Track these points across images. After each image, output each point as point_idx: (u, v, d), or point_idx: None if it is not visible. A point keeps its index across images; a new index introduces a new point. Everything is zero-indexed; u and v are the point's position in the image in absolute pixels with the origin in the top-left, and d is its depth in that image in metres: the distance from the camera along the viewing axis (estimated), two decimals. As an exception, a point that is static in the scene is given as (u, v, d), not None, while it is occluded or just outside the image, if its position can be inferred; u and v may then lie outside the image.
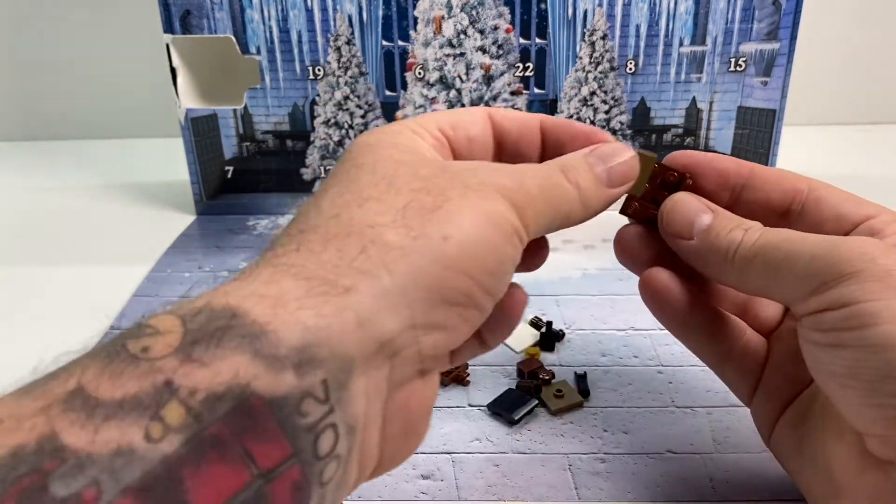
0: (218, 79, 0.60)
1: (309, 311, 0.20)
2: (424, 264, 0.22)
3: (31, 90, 0.82)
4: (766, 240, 0.28)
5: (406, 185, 0.24)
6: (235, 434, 0.18)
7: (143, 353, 0.18)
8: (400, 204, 0.23)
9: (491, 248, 0.24)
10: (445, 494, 0.33)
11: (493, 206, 0.24)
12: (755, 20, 0.55)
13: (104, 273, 0.53)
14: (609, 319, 0.45)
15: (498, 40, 0.56)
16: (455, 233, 0.23)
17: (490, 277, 0.24)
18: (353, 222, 0.22)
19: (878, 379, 0.25)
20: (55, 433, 0.17)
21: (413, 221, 0.22)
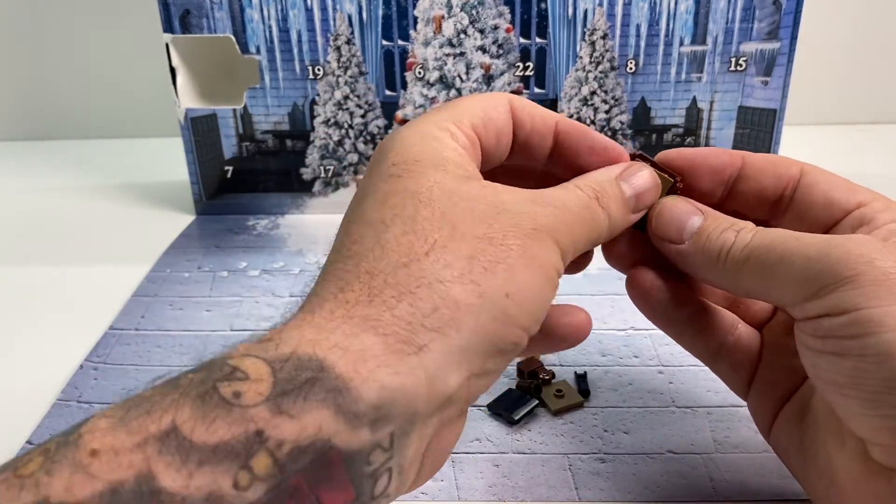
0: (217, 78, 0.60)
1: (386, 370, 0.21)
2: (487, 321, 0.23)
3: (31, 90, 0.82)
4: (759, 241, 0.27)
5: (469, 230, 0.24)
6: (312, 484, 0.19)
7: (234, 398, 0.19)
8: (465, 255, 0.24)
9: (541, 297, 0.25)
10: (445, 494, 0.33)
11: (545, 255, 0.25)
12: (756, 20, 0.55)
13: (104, 273, 0.53)
14: (609, 319, 0.45)
15: (498, 40, 0.56)
16: (515, 290, 0.24)
17: (534, 323, 0.25)
18: (424, 275, 0.23)
19: (883, 390, 0.24)
20: (152, 474, 0.18)
21: (479, 277, 0.23)
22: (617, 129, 0.58)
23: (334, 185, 0.61)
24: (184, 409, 0.19)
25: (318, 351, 0.21)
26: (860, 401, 0.25)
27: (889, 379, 0.24)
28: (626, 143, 0.59)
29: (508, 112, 0.29)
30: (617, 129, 0.58)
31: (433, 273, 0.23)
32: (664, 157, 0.31)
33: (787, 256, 0.26)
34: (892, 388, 0.24)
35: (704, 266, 0.29)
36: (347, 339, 0.21)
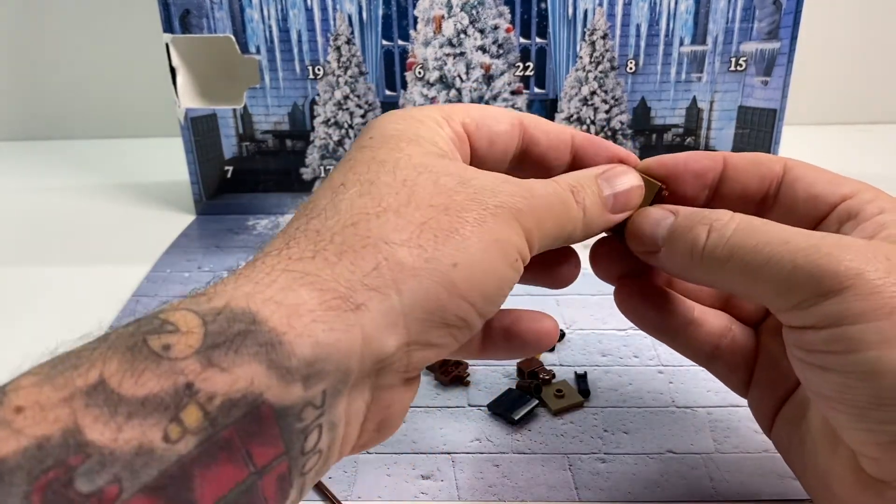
0: (217, 78, 0.60)
1: (321, 325, 0.21)
2: (431, 287, 0.23)
3: (31, 90, 0.82)
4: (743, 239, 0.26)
5: (426, 198, 0.24)
6: (243, 438, 0.19)
7: (164, 351, 0.19)
8: (417, 220, 0.23)
9: (494, 275, 0.24)
10: (445, 494, 0.33)
11: (505, 233, 0.24)
12: (756, 20, 0.55)
13: (104, 273, 0.53)
14: (609, 319, 0.45)
15: (498, 40, 0.56)
16: (464, 260, 0.23)
17: (486, 301, 0.25)
18: (370, 234, 0.23)
19: (868, 406, 0.23)
20: (79, 427, 0.17)
21: (427, 243, 0.23)
22: (617, 129, 0.58)
23: (334, 185, 0.61)
24: (111, 362, 0.19)
25: (251, 304, 0.20)
26: (847, 415, 0.24)
27: (875, 396, 0.23)
28: (627, 143, 0.59)
29: (513, 126, 0.29)
30: (617, 129, 0.58)
31: (380, 233, 0.23)
32: (643, 165, 0.30)
33: (774, 261, 0.25)
34: (879, 404, 0.23)
35: (682, 266, 0.28)
36: (282, 293, 0.21)
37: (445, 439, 0.36)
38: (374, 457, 0.35)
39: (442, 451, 0.35)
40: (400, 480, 0.34)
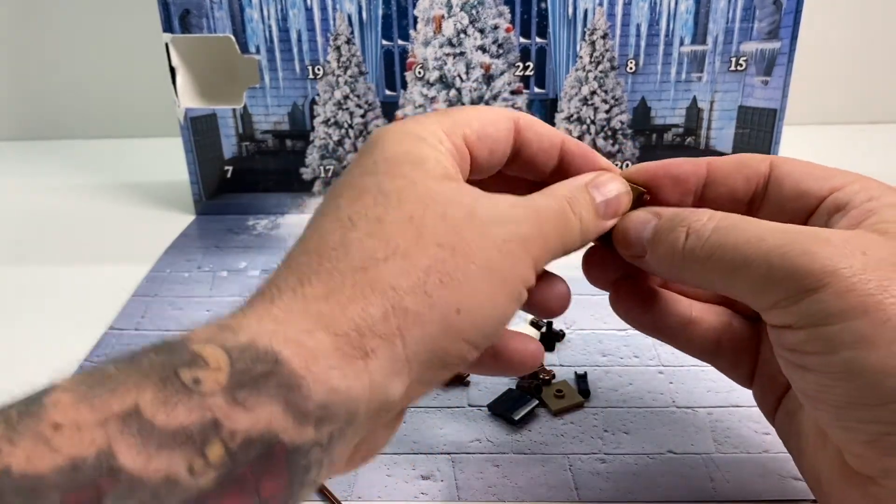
0: (217, 78, 0.60)
1: (336, 371, 0.22)
2: (434, 333, 0.24)
3: (31, 90, 0.82)
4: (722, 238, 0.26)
5: (433, 237, 0.24)
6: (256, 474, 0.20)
7: (194, 385, 0.20)
8: (424, 265, 0.24)
9: (497, 315, 0.25)
10: (445, 494, 0.33)
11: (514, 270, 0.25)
12: (756, 19, 0.55)
13: (104, 273, 0.53)
14: (609, 319, 0.45)
15: (498, 39, 0.56)
16: (468, 305, 0.24)
17: (486, 339, 0.25)
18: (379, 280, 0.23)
19: (846, 405, 0.24)
20: (113, 452, 0.18)
21: (433, 289, 0.24)
22: (617, 129, 0.58)
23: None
24: (146, 391, 0.19)
25: (274, 344, 0.21)
26: (829, 413, 0.25)
27: (852, 396, 0.23)
28: (627, 143, 0.59)
29: (510, 129, 0.30)
30: (617, 128, 0.58)
31: (389, 280, 0.23)
32: (626, 173, 0.30)
33: (750, 260, 0.25)
34: (856, 403, 0.23)
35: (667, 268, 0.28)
36: (302, 335, 0.22)
37: (445, 439, 0.36)
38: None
39: (442, 451, 0.35)
40: (400, 480, 0.33)
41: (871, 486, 0.25)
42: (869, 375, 0.23)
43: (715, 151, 0.59)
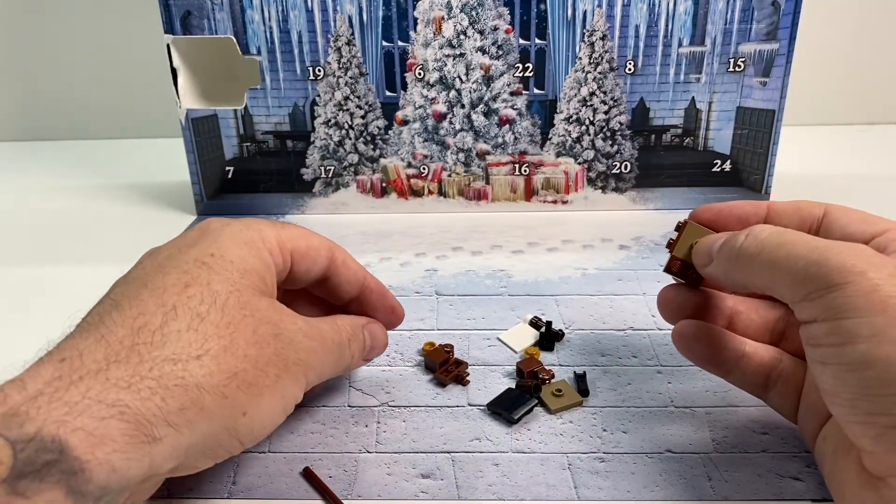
0: (218, 79, 0.60)
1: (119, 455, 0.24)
2: (217, 430, 0.27)
3: (31, 90, 0.82)
4: (773, 238, 0.29)
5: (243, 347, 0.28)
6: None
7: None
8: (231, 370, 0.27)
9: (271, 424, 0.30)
10: (445, 494, 0.33)
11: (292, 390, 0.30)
12: (754, 20, 0.55)
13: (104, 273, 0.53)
14: (608, 319, 0.45)
15: (497, 41, 0.56)
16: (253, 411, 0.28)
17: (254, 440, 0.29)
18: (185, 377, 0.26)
19: (858, 397, 0.25)
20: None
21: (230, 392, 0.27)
22: (616, 130, 0.59)
23: (335, 185, 0.61)
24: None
25: (61, 433, 0.23)
26: (843, 407, 0.26)
27: (863, 387, 0.25)
28: (625, 144, 0.59)
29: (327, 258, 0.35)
30: (616, 129, 0.59)
31: (195, 377, 0.26)
32: (696, 212, 0.35)
33: (793, 255, 0.27)
34: (867, 394, 0.25)
35: (725, 268, 0.31)
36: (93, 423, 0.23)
37: (445, 439, 0.36)
38: (374, 456, 0.35)
39: (442, 450, 0.35)
40: (400, 479, 0.34)
41: (884, 487, 0.26)
42: (880, 366, 0.24)
43: (713, 152, 0.59)
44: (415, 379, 0.40)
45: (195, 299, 0.28)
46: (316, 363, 0.31)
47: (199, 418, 0.26)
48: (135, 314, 0.27)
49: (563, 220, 0.59)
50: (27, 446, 0.22)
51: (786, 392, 0.34)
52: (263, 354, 0.29)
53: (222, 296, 0.28)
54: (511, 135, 0.59)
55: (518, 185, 0.61)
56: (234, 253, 0.30)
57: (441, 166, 0.60)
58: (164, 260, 0.30)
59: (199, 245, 0.30)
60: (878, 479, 0.26)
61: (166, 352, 0.26)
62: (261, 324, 0.29)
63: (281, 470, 0.34)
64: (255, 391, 0.28)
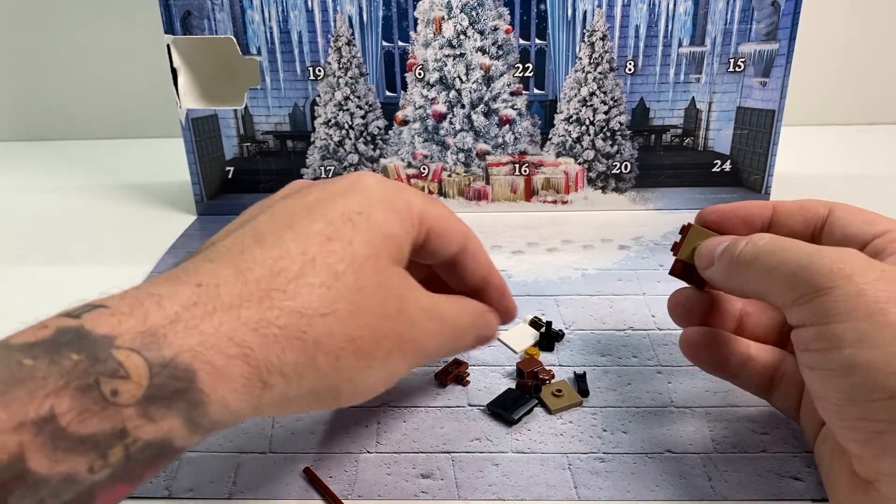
0: (219, 79, 0.60)
1: (236, 396, 0.24)
2: (321, 387, 0.27)
3: (31, 90, 0.82)
4: (769, 245, 0.29)
5: (367, 312, 0.27)
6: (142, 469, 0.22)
7: (112, 395, 0.21)
8: (351, 333, 0.27)
9: (371, 393, 0.29)
10: (445, 494, 0.33)
11: (399, 368, 0.30)
12: (754, 21, 0.55)
13: (104, 273, 0.53)
14: (608, 320, 0.45)
15: (498, 41, 0.56)
16: (359, 380, 0.28)
17: (350, 403, 0.29)
18: (309, 332, 0.26)
19: (845, 402, 0.25)
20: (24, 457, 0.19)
21: (344, 356, 0.27)
22: (616, 130, 0.59)
23: (335, 185, 0.61)
24: (63, 399, 0.20)
25: (193, 364, 0.23)
26: (831, 412, 0.26)
27: (849, 392, 0.25)
28: (625, 144, 0.59)
29: (460, 246, 0.33)
30: (616, 129, 0.59)
31: (316, 334, 0.26)
32: (702, 214, 0.36)
33: (785, 261, 0.28)
34: (852, 400, 0.25)
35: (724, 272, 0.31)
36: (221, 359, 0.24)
37: (445, 439, 0.36)
38: (374, 456, 0.35)
39: (442, 450, 0.35)
40: (400, 479, 0.34)
41: (872, 491, 0.26)
42: (864, 372, 0.24)
43: (713, 152, 0.59)
44: (415, 379, 0.40)
45: (335, 255, 0.27)
46: (431, 346, 0.31)
47: (310, 374, 0.26)
48: (275, 255, 0.26)
49: (563, 221, 0.59)
50: (162, 371, 0.22)
51: (789, 393, 0.34)
52: (384, 327, 0.28)
53: (360, 258, 0.28)
54: (511, 135, 0.59)
55: (518, 185, 0.61)
56: (380, 215, 0.29)
57: (441, 166, 0.60)
58: (312, 203, 0.29)
59: (349, 198, 0.29)
60: (867, 483, 0.26)
61: (296, 303, 0.26)
62: (389, 296, 0.28)
63: (281, 470, 0.34)
64: (366, 361, 0.28)
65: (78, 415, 0.20)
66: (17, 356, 0.21)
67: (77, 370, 0.21)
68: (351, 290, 0.27)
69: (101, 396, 0.21)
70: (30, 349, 0.21)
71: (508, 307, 0.36)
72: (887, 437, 0.25)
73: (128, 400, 0.21)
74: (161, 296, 0.24)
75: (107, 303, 0.24)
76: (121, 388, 0.21)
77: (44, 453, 0.20)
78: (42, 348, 0.21)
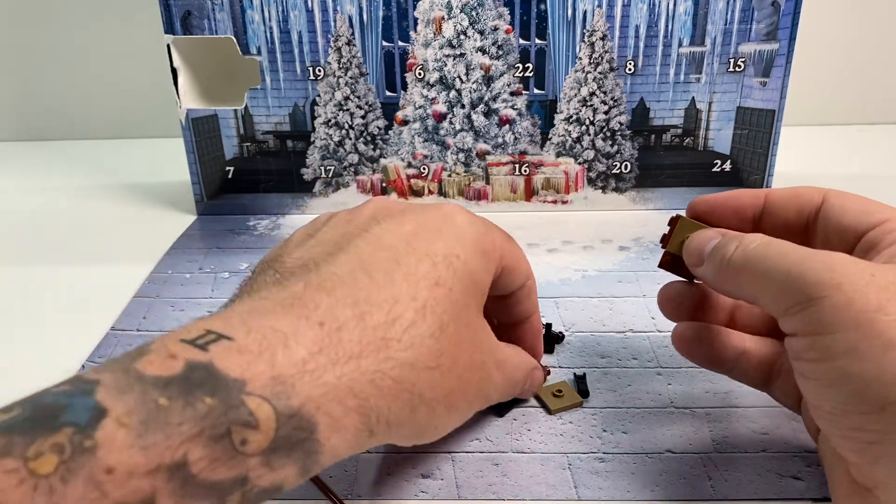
0: (219, 79, 0.60)
1: (345, 445, 0.24)
2: (410, 433, 0.27)
3: (31, 90, 0.82)
4: (759, 250, 0.28)
5: (460, 370, 0.28)
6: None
7: (241, 445, 0.21)
8: (448, 389, 0.27)
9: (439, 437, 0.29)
10: (445, 494, 0.33)
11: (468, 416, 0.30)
12: (754, 21, 0.55)
13: (105, 273, 0.53)
14: (608, 321, 0.45)
15: (498, 41, 0.56)
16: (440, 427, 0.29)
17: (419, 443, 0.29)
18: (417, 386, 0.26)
19: (839, 413, 0.25)
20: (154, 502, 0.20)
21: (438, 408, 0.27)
22: (616, 130, 0.59)
23: (335, 185, 0.61)
24: (196, 446, 0.20)
25: (316, 416, 0.23)
26: (826, 422, 0.26)
27: (842, 403, 0.25)
28: (625, 144, 0.59)
29: (521, 285, 0.34)
30: (616, 129, 0.59)
31: (422, 388, 0.26)
32: (692, 204, 0.34)
33: (773, 268, 0.27)
34: (846, 412, 0.25)
35: (714, 275, 0.31)
36: (340, 411, 0.24)
37: (445, 439, 0.36)
38: (374, 456, 0.35)
39: (442, 450, 0.35)
40: (400, 479, 0.34)
41: (870, 497, 0.26)
42: (856, 384, 0.24)
43: (713, 152, 0.59)
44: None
45: (441, 305, 0.27)
46: (494, 396, 0.32)
47: (408, 424, 0.26)
48: (389, 299, 0.26)
49: (563, 221, 0.59)
50: (288, 422, 0.22)
51: (788, 386, 0.34)
52: (471, 380, 0.29)
53: (458, 307, 0.28)
54: (511, 135, 0.59)
55: (518, 185, 0.61)
56: (474, 262, 0.29)
57: (441, 166, 0.60)
58: (410, 236, 0.29)
59: (445, 238, 0.29)
60: (866, 490, 0.26)
61: (409, 355, 0.26)
62: (476, 350, 0.29)
63: (281, 470, 0.34)
64: (452, 411, 0.28)
65: (209, 463, 0.21)
66: (153, 394, 0.21)
67: (211, 416, 0.21)
68: (452, 343, 0.27)
69: (231, 445, 0.21)
70: (164, 387, 0.21)
71: (537, 350, 0.37)
72: (880, 448, 0.24)
73: (254, 450, 0.22)
74: (286, 335, 0.24)
75: (230, 333, 0.23)
76: (250, 437, 0.22)
77: (172, 499, 0.20)
78: (176, 387, 0.21)
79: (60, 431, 0.19)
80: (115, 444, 0.19)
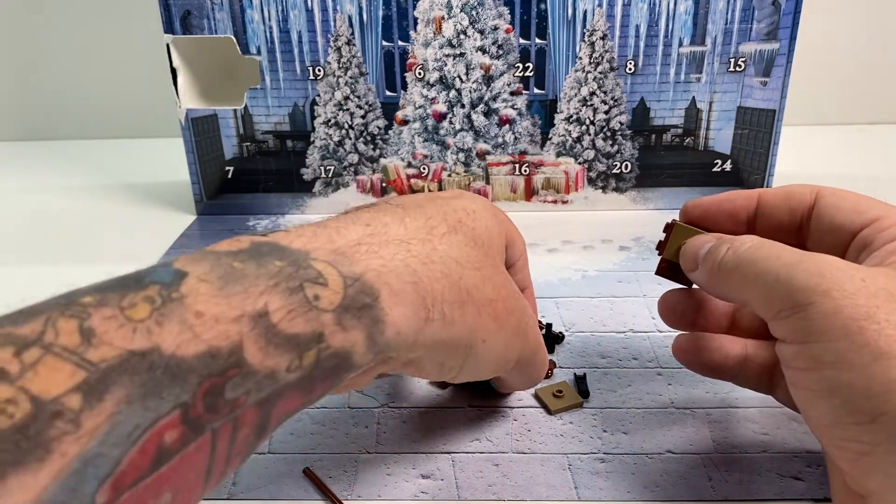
0: (218, 79, 0.60)
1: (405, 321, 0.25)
2: (460, 341, 0.28)
3: (31, 90, 0.82)
4: (749, 253, 0.28)
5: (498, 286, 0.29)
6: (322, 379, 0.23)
7: (314, 300, 0.23)
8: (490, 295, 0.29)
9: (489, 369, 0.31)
10: (445, 494, 0.33)
11: (512, 352, 0.31)
12: (755, 20, 0.55)
13: (105, 273, 0.53)
14: (608, 322, 0.45)
15: (498, 40, 0.56)
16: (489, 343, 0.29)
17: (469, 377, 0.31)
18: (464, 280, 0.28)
19: (830, 423, 0.25)
20: (242, 347, 0.21)
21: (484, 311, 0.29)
22: (616, 130, 0.59)
23: (335, 185, 0.61)
24: (275, 297, 0.22)
25: (377, 284, 0.25)
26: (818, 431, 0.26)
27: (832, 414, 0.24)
28: (626, 144, 0.59)
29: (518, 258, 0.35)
30: (616, 129, 0.59)
31: (468, 284, 0.28)
32: (686, 209, 0.34)
33: (763, 271, 0.27)
34: (837, 422, 0.24)
35: (707, 278, 0.30)
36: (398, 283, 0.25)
37: (445, 439, 0.36)
38: (374, 456, 0.35)
39: (442, 450, 0.35)
40: (400, 480, 0.34)
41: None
42: (845, 395, 0.24)
43: (714, 152, 0.59)
44: (415, 380, 0.40)
45: (466, 228, 0.29)
46: (532, 342, 0.32)
47: (458, 321, 0.27)
48: (426, 215, 0.29)
49: (564, 220, 0.59)
50: (354, 284, 0.24)
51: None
52: (510, 301, 0.30)
53: (484, 238, 0.30)
54: (511, 135, 0.59)
55: (518, 185, 0.61)
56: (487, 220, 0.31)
57: (441, 166, 0.60)
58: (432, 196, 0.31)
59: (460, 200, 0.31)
60: (861, 498, 0.26)
61: (452, 252, 0.28)
62: (508, 281, 0.31)
63: (281, 470, 0.34)
64: (497, 325, 0.29)
65: (287, 313, 0.22)
66: (227, 260, 0.22)
67: (283, 274, 0.22)
68: (489, 257, 0.29)
69: (306, 299, 0.22)
70: (235, 255, 0.23)
71: None
72: (870, 459, 0.24)
73: (327, 306, 0.23)
74: (337, 228, 0.26)
75: (284, 230, 0.25)
76: (322, 293, 0.23)
77: (258, 346, 0.21)
78: (247, 255, 0.23)
79: (149, 288, 0.21)
80: (199, 294, 0.21)
